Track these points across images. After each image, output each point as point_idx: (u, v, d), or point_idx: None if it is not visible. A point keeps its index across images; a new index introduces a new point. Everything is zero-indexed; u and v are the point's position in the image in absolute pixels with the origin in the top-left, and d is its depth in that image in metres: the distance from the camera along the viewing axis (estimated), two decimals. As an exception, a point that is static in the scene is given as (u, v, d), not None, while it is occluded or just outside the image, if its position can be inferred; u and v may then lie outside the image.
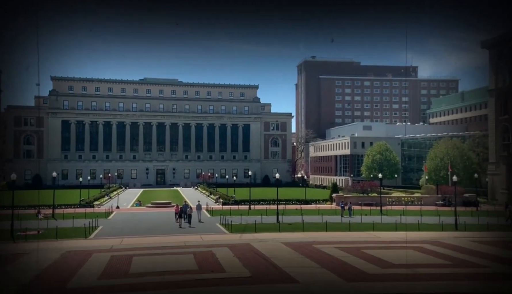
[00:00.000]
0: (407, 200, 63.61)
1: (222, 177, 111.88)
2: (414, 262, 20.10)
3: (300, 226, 35.44)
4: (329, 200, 64.91)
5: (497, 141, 74.41)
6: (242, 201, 60.24)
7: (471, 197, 62.23)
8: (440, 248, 23.90)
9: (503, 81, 73.89)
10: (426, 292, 15.01)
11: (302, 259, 21.07)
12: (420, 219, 41.14)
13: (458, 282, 16.45)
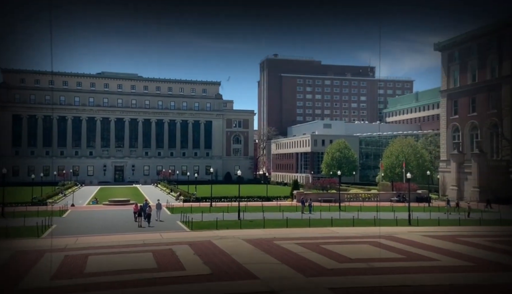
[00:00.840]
0: (364, 197, 65.62)
1: (183, 174, 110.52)
2: (370, 256, 20.76)
3: (261, 223, 35.67)
4: (290, 197, 65.76)
5: (448, 140, 78.34)
6: (204, 198, 59.82)
7: (423, 193, 65.08)
8: (395, 243, 24.84)
9: (454, 83, 77.79)
10: (381, 285, 15.54)
11: (262, 255, 21.22)
12: (377, 214, 42.55)
13: (411, 275, 17.15)
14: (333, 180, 79.02)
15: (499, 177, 62.98)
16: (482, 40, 70.70)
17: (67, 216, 43.95)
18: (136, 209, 38.88)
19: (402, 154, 75.37)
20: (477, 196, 62.48)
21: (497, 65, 68.20)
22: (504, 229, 33.25)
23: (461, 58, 75.26)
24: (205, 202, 57.44)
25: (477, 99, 71.77)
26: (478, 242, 25.42)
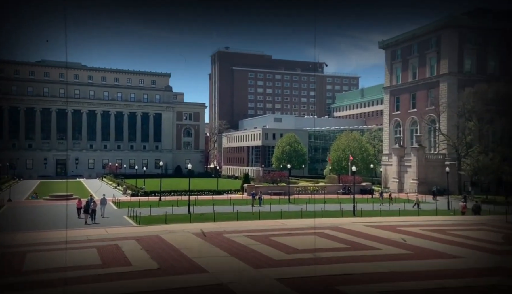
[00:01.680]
0: (313, 189, 67.46)
1: (131, 167, 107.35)
2: (317, 247, 21.37)
3: (211, 216, 35.54)
4: (240, 190, 66.11)
5: (390, 135, 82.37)
6: (153, 192, 58.58)
7: (367, 185, 68.06)
8: (340, 233, 25.76)
9: (396, 80, 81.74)
10: (326, 274, 16.07)
11: (212, 248, 21.16)
12: (324, 206, 43.96)
13: (354, 263, 17.89)
14: (283, 173, 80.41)
15: (436, 169, 67.26)
16: (422, 39, 74.77)
17: (3, 211, 41.22)
18: (80, 205, 37.24)
19: (348, 148, 78.19)
20: (416, 187, 66.30)
21: (435, 64, 72.49)
22: (439, 219, 35.58)
23: (403, 57, 79.21)
24: (154, 196, 56.25)
25: (417, 96, 75.97)
26: (416, 231, 26.98)
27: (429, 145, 73.62)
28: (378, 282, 14.92)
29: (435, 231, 26.80)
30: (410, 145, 73.77)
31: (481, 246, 21.98)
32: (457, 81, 69.13)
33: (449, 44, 69.53)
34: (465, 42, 70.11)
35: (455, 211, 42.16)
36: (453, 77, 69.24)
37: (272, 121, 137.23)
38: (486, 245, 22.08)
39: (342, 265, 17.49)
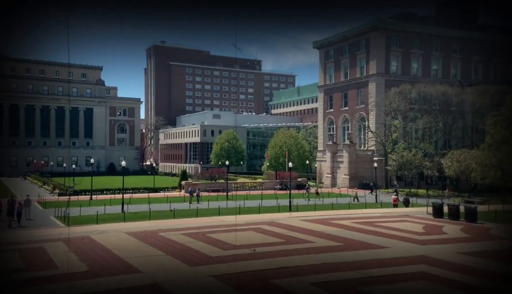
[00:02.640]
0: (251, 185, 68.13)
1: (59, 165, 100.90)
2: (254, 242, 21.66)
3: (147, 215, 34.55)
4: (178, 188, 64.93)
5: (324, 132, 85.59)
6: (83, 191, 55.59)
7: (303, 181, 70.10)
8: (276, 228, 26.31)
9: (329, 79, 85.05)
10: (262, 268, 16.34)
11: (146, 248, 20.59)
12: (261, 202, 44.57)
13: (289, 257, 18.37)
14: (221, 170, 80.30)
15: (366, 165, 71.05)
16: (353, 41, 78.47)
17: None
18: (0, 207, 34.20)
19: (285, 145, 79.96)
20: (347, 182, 69.55)
21: (365, 65, 76.45)
22: (368, 212, 37.66)
23: (336, 57, 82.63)
24: (85, 195, 53.43)
25: (349, 95, 79.64)
26: (347, 224, 28.33)
27: (359, 142, 77.55)
28: (311, 274, 15.47)
29: (364, 223, 28.33)
30: (343, 142, 77.19)
31: (404, 236, 23.62)
32: (384, 81, 73.48)
33: (376, 46, 73.65)
34: (391, 44, 74.71)
35: (382, 204, 44.90)
36: (380, 77, 73.48)
37: (211, 117, 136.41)
38: (409, 236, 23.77)
39: (277, 259, 17.88)
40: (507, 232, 24.75)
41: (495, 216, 30.13)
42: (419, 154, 63.60)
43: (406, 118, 69.83)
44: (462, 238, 23.13)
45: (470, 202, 38.61)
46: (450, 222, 28.84)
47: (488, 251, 19.72)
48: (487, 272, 15.89)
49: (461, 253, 19.27)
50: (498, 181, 52.33)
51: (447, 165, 57.04)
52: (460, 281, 14.73)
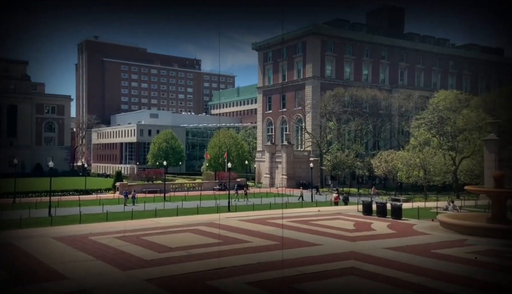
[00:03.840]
0: (189, 186, 67.26)
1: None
2: (190, 244, 21.39)
3: (76, 218, 32.77)
4: (112, 189, 62.34)
5: (263, 133, 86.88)
6: (5, 194, 51.40)
7: (242, 181, 70.54)
8: (214, 229, 26.20)
9: (268, 81, 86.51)
10: (197, 270, 16.19)
11: (74, 253, 19.51)
12: (200, 203, 44.16)
13: (226, 257, 18.39)
14: (159, 171, 78.38)
15: (302, 165, 73.18)
16: (290, 44, 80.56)
17: None
18: None
19: (224, 145, 79.98)
20: (285, 182, 71.16)
21: (301, 68, 78.80)
22: (304, 210, 38.83)
23: (274, 59, 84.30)
24: (7, 198, 49.43)
25: (287, 96, 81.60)
26: (285, 223, 28.94)
27: (297, 143, 79.72)
28: (247, 274, 15.60)
29: (299, 222, 29.15)
30: (281, 143, 78.86)
31: (336, 233, 24.65)
32: (319, 84, 76.24)
33: (312, 50, 76.23)
34: (326, 49, 77.74)
35: (317, 203, 46.52)
36: (316, 80, 76.15)
37: (148, 117, 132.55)
38: (340, 233, 24.85)
39: (214, 260, 17.82)
40: (428, 227, 26.78)
41: (418, 212, 32.46)
42: (351, 155, 66.77)
43: (340, 120, 72.98)
44: (388, 234, 24.62)
45: (396, 199, 41.24)
46: (378, 219, 30.58)
47: (410, 245, 21.19)
48: (410, 265, 17.06)
49: (387, 248, 20.50)
50: (421, 180, 56.47)
51: (376, 165, 60.46)
52: (385, 275, 15.67)
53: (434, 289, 14.01)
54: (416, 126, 64.12)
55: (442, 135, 61.11)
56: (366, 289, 14.24)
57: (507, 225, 24.41)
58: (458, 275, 15.61)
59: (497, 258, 18.23)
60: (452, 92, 65.16)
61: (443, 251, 19.61)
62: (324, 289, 14.18)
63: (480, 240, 22.26)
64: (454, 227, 24.87)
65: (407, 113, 74.36)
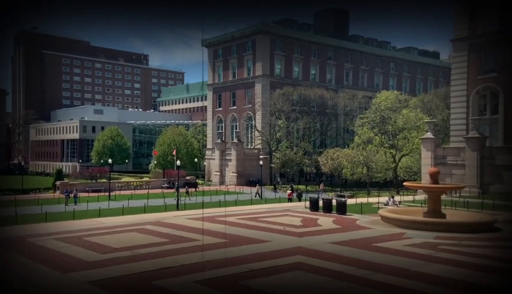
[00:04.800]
0: (136, 184, 65.50)
1: None
2: (136, 243, 20.83)
3: (12, 219, 30.74)
4: (52, 188, 59.23)
5: (213, 130, 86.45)
6: None
7: (191, 179, 69.84)
8: (161, 228, 25.71)
9: (218, 78, 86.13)
10: (143, 271, 15.82)
11: (9, 256, 18.32)
12: (147, 202, 43.13)
13: (173, 257, 18.12)
14: (103, 169, 75.69)
15: (252, 162, 73.74)
16: (240, 42, 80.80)
17: None
18: None
19: (173, 142, 78.72)
20: (235, 180, 71.34)
21: (251, 66, 79.29)
22: (253, 207, 39.15)
23: (224, 56, 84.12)
24: None
25: (237, 94, 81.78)
26: (233, 220, 29.04)
27: (247, 140, 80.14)
28: (195, 272, 15.47)
29: (248, 219, 29.36)
30: (231, 140, 78.90)
31: (284, 229, 25.12)
32: (269, 83, 77.15)
33: (262, 49, 76.94)
34: (275, 48, 78.79)
35: (266, 200, 47.11)
36: (266, 79, 76.97)
37: (92, 113, 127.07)
38: (289, 229, 25.35)
39: (161, 259, 17.49)
40: (370, 222, 28.04)
41: (361, 208, 33.88)
42: (300, 152, 68.31)
43: (288, 118, 74.36)
44: (333, 229, 25.48)
45: (341, 195, 42.80)
46: (325, 215, 31.54)
47: (353, 239, 22.08)
48: (353, 259, 17.79)
49: (332, 242, 21.22)
50: (364, 176, 59.00)
51: (323, 162, 62.33)
52: (329, 268, 16.22)
53: (374, 281, 14.71)
54: (360, 125, 66.89)
55: (383, 134, 64.22)
56: (311, 283, 14.65)
57: (441, 218, 26.16)
58: (396, 267, 16.50)
59: (432, 250, 19.48)
60: (393, 93, 68.70)
61: (383, 245, 20.62)
62: (272, 284, 14.41)
63: (417, 233, 23.65)
64: (393, 221, 26.23)
65: (351, 113, 77.31)
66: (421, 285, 14.22)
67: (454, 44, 55.10)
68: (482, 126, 50.62)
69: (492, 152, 45.88)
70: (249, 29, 78.99)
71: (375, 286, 14.11)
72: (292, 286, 14.43)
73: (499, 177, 44.88)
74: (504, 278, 15.16)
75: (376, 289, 13.80)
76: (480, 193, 44.60)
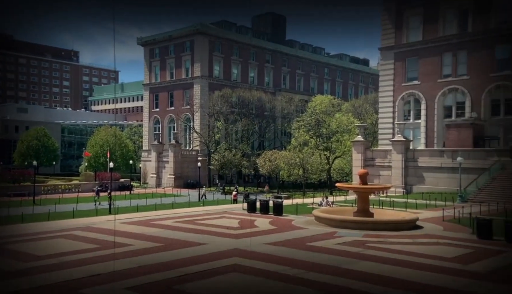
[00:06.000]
0: (65, 188, 61.79)
1: None
2: (62, 250, 19.63)
3: None
4: (-34, 194, 53.87)
5: (150, 131, 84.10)
6: None
7: (126, 181, 67.30)
8: (91, 233, 24.48)
9: (155, 78, 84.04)
10: (70, 279, 14.96)
11: None
12: (76, 206, 40.78)
13: (104, 263, 17.31)
14: (27, 171, 70.53)
15: (190, 164, 72.79)
16: (178, 42, 79.60)
17: None
18: None
19: (106, 144, 75.38)
20: (172, 182, 69.94)
21: (190, 67, 78.38)
22: (190, 210, 38.55)
23: (161, 56, 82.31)
24: None
25: (175, 95, 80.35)
26: (168, 223, 28.43)
27: (185, 142, 78.91)
28: (126, 279, 14.90)
29: (185, 222, 28.89)
30: (168, 142, 77.22)
31: (221, 232, 25.06)
32: (208, 84, 76.72)
33: (200, 50, 76.36)
34: (214, 49, 78.60)
35: (204, 202, 46.69)
36: (204, 80, 76.46)
37: (15, 111, 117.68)
38: (225, 231, 25.32)
39: (90, 266, 16.63)
40: (304, 222, 28.89)
41: (296, 208, 34.81)
42: (238, 154, 68.63)
43: (227, 120, 74.44)
44: (269, 230, 25.89)
45: (278, 197, 43.70)
46: (262, 216, 31.96)
47: (288, 240, 22.61)
48: (287, 259, 18.21)
49: (268, 243, 21.55)
50: (300, 178, 60.73)
51: (261, 164, 63.19)
52: (265, 269, 16.45)
53: (307, 279, 15.17)
54: (296, 128, 68.80)
55: (318, 136, 66.61)
56: (247, 284, 14.76)
57: (369, 217, 27.67)
58: (327, 265, 17.16)
59: (360, 248, 20.52)
60: (327, 97, 71.55)
61: (316, 244, 21.35)
62: (207, 288, 14.30)
63: (347, 231, 24.79)
64: (326, 221, 27.27)
65: (289, 116, 79.28)
66: (350, 281, 14.92)
67: (381, 52, 58.81)
68: (406, 131, 54.46)
69: (415, 154, 49.48)
70: (187, 29, 77.99)
71: (308, 284, 14.56)
72: (227, 288, 14.43)
73: (422, 178, 48.53)
74: (425, 272, 16.38)
75: (309, 288, 14.25)
76: (405, 192, 47.89)
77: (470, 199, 39.61)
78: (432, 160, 47.98)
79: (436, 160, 47.63)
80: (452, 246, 21.00)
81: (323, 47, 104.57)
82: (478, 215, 27.69)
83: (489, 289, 14.52)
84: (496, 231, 22.72)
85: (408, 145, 50.28)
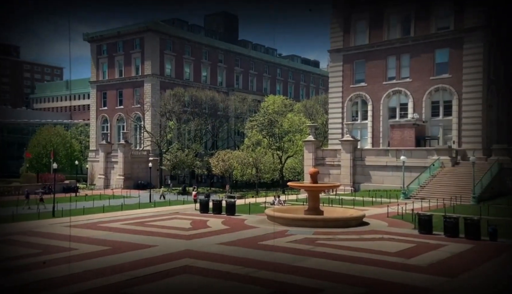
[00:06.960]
0: (3, 190, 57.90)
1: None
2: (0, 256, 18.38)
3: None
4: None
5: (97, 131, 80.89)
6: None
7: (71, 183, 64.23)
8: (32, 237, 23.16)
9: (103, 75, 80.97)
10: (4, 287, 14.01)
11: None
12: (16, 209, 38.38)
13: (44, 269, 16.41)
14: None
15: (141, 165, 70.81)
16: (127, 39, 77.23)
17: None
18: None
19: (50, 144, 71.60)
20: (121, 183, 67.72)
21: (140, 64, 76.29)
22: (141, 212, 37.50)
23: (109, 53, 79.45)
24: None
25: (124, 93, 77.84)
26: (117, 226, 27.49)
27: (135, 142, 76.67)
28: (69, 285, 14.21)
29: (135, 224, 28.07)
30: (118, 141, 74.66)
31: (173, 233, 24.59)
32: (159, 83, 75.06)
33: (151, 48, 74.55)
34: (165, 48, 77.06)
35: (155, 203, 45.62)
36: (155, 78, 74.72)
37: None
38: (177, 232, 24.88)
39: (29, 273, 15.69)
40: (257, 221, 29.06)
41: (249, 208, 34.93)
42: (191, 154, 67.76)
43: (180, 120, 73.24)
44: (222, 230, 25.78)
45: (231, 196, 43.60)
46: (214, 216, 31.74)
47: (241, 239, 22.64)
48: (239, 258, 18.22)
49: (220, 243, 21.45)
50: (253, 177, 61.06)
51: (214, 164, 62.82)
52: (217, 269, 16.35)
53: (259, 278, 15.26)
54: (249, 127, 69.11)
55: (271, 136, 67.35)
56: (198, 285, 14.59)
57: (320, 215, 28.36)
58: (279, 263, 17.36)
59: (310, 245, 20.96)
60: (279, 97, 72.52)
61: (268, 242, 21.54)
62: (156, 290, 13.97)
63: (298, 229, 25.24)
64: (278, 219, 27.59)
65: (242, 115, 79.45)
66: (300, 278, 15.19)
67: (330, 54, 60.54)
68: (354, 131, 56.39)
69: (363, 153, 51.39)
70: (137, 26, 75.82)
71: (260, 283, 14.65)
72: (178, 290, 14.18)
73: (368, 176, 50.50)
74: (370, 267, 17.02)
75: (260, 286, 14.34)
76: (353, 190, 49.59)
77: (413, 196, 41.76)
78: (378, 158, 50.05)
79: (382, 158, 49.75)
80: (395, 241, 22.01)
81: (275, 48, 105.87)
82: (419, 211, 29.23)
83: (430, 281, 15.36)
84: (436, 226, 24.10)
85: (356, 145, 52.10)
